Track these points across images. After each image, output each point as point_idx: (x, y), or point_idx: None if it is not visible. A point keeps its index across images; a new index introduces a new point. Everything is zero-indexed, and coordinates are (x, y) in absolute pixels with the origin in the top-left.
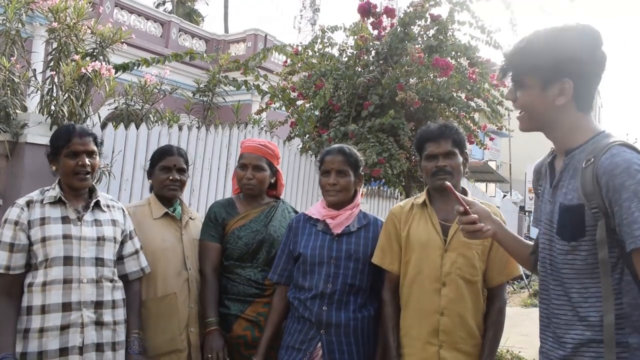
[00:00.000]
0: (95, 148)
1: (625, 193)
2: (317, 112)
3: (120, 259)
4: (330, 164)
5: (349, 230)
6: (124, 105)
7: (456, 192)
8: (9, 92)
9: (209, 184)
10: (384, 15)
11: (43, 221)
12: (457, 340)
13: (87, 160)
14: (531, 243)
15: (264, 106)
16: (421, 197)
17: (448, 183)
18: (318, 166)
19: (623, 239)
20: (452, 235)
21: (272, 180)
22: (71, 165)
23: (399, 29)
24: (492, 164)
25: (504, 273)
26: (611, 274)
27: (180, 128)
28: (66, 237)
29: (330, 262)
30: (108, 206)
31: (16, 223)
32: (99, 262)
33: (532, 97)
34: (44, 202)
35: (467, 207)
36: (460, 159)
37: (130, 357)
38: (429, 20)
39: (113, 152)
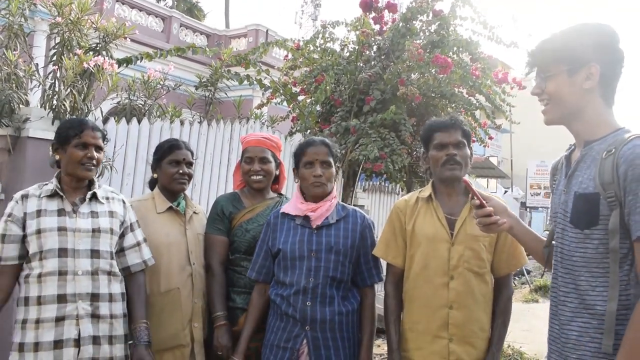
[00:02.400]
0: (102, 144)
1: None
2: (318, 107)
3: (121, 251)
4: (315, 155)
5: (328, 223)
6: (126, 100)
7: (472, 187)
8: (13, 85)
9: (210, 179)
10: (386, 10)
11: (39, 214)
12: (466, 334)
13: (95, 154)
14: (544, 238)
15: (265, 101)
16: (426, 190)
17: (465, 178)
18: (296, 158)
19: (630, 228)
20: (458, 229)
21: (277, 172)
22: (79, 155)
23: (400, 24)
24: (494, 160)
25: (512, 263)
26: (621, 265)
27: (182, 123)
28: (61, 229)
29: (311, 256)
30: (107, 198)
31: (9, 215)
32: (94, 254)
33: (560, 83)
34: (40, 196)
35: (483, 201)
36: (468, 151)
37: (137, 349)
38: (430, 15)
39: (115, 146)
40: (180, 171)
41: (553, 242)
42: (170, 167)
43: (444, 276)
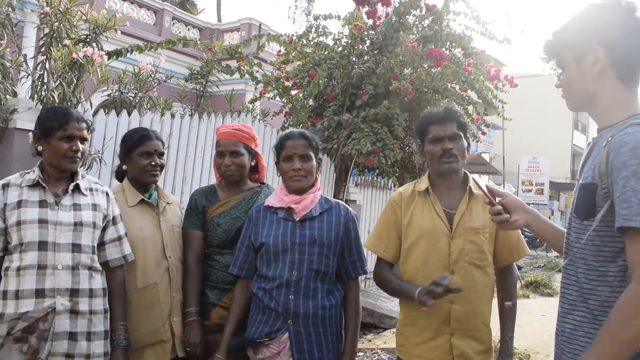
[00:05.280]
0: (87, 135)
1: (625, 171)
2: (311, 102)
3: (101, 244)
4: (293, 148)
5: (311, 215)
6: (117, 93)
7: (480, 185)
8: (0, 76)
9: (201, 172)
10: (379, 4)
11: (20, 204)
12: (469, 327)
13: (80, 146)
14: None
15: (258, 95)
16: (422, 183)
17: (473, 177)
18: (276, 153)
19: (615, 218)
20: (457, 222)
21: (252, 163)
22: (64, 148)
23: (394, 19)
24: (486, 156)
25: (515, 253)
26: (615, 260)
27: (172, 115)
28: (42, 221)
29: (294, 249)
30: (91, 189)
31: None
32: (75, 248)
33: (570, 74)
34: (22, 185)
35: (492, 199)
36: (465, 142)
37: (116, 351)
38: (424, 10)
39: (104, 139)
40: (153, 163)
41: None
42: (141, 159)
43: (444, 271)
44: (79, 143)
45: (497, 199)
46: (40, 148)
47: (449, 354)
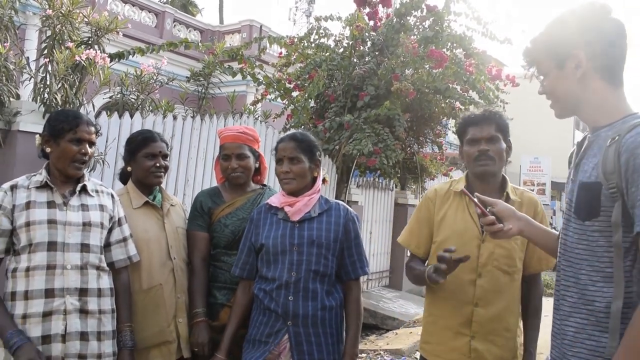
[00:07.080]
0: (95, 139)
1: None
2: (312, 103)
3: (107, 246)
4: (283, 151)
5: (310, 216)
6: (119, 95)
7: (470, 195)
8: (3, 78)
9: (203, 174)
10: (380, 5)
11: (28, 205)
12: (490, 332)
13: (88, 150)
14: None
15: (260, 97)
16: (460, 183)
17: (464, 189)
18: (274, 155)
19: (633, 221)
20: None
21: (257, 165)
22: (73, 151)
23: (395, 20)
24: None
25: (544, 263)
26: (623, 260)
27: (175, 117)
28: (51, 222)
29: (293, 250)
30: (97, 191)
31: None
32: (84, 248)
33: (553, 80)
34: (29, 187)
35: (484, 209)
36: (504, 145)
37: (122, 352)
38: (425, 11)
39: (107, 140)
40: (157, 164)
41: None
42: (146, 161)
43: (471, 273)
44: (87, 146)
45: (488, 208)
46: (48, 150)
47: (468, 357)
